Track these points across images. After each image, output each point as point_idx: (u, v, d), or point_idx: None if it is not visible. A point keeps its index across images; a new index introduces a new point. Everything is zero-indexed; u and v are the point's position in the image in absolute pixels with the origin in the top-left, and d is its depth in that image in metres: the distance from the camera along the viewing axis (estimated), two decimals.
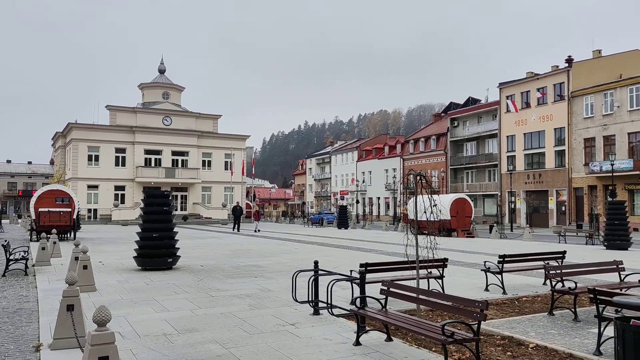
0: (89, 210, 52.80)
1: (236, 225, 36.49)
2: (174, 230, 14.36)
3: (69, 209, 25.47)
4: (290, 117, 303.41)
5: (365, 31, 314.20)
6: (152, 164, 56.43)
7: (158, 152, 56.84)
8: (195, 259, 16.95)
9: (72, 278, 6.14)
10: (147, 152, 56.23)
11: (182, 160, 58.23)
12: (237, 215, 36.80)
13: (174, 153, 57.64)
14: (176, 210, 55.17)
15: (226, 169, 60.28)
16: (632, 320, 4.15)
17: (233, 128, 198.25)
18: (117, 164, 54.79)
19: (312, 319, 7.93)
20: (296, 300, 8.80)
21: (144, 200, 14.33)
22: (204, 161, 59.51)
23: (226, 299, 9.70)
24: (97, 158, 53.84)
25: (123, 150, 55.10)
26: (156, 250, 13.81)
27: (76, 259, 11.42)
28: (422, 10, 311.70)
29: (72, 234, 26.47)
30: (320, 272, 8.60)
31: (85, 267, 10.40)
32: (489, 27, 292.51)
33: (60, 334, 6.20)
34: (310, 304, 8.42)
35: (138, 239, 14.06)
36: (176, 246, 14.33)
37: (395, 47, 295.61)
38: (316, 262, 8.84)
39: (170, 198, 14.70)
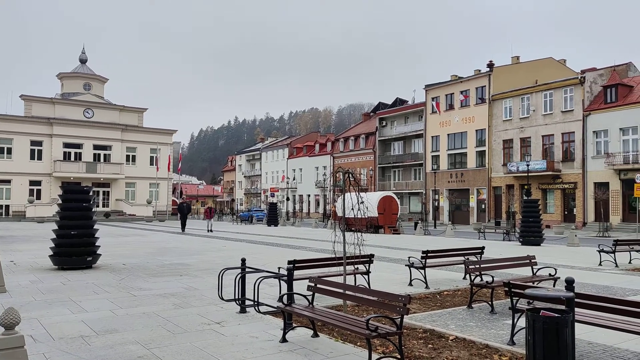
0: (0, 207, 49.49)
1: (183, 225, 32.56)
2: (95, 227, 13.78)
3: None
4: (219, 113, 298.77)
5: (298, 29, 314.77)
6: (72, 158, 53.72)
7: (78, 146, 54.16)
8: (118, 257, 16.31)
9: None
10: (67, 145, 53.47)
11: (105, 155, 55.82)
12: (183, 213, 33.24)
13: (96, 147, 55.17)
14: (98, 206, 52.94)
15: (152, 164, 58.44)
16: (542, 311, 4.39)
17: (160, 123, 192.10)
18: (32, 158, 51.73)
19: (239, 317, 7.83)
20: (222, 299, 8.66)
21: (62, 195, 13.67)
22: (128, 156, 57.37)
23: (149, 298, 9.39)
24: (9, 151, 50.58)
25: (39, 143, 52.08)
26: (74, 249, 13.20)
27: None
28: (353, 10, 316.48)
29: None
30: (247, 269, 8.51)
31: None
32: (419, 30, 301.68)
33: None
34: (237, 302, 8.31)
35: (55, 236, 13.39)
36: (97, 244, 13.78)
37: (327, 46, 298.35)
38: (243, 260, 8.73)
39: (90, 193, 14.06)
